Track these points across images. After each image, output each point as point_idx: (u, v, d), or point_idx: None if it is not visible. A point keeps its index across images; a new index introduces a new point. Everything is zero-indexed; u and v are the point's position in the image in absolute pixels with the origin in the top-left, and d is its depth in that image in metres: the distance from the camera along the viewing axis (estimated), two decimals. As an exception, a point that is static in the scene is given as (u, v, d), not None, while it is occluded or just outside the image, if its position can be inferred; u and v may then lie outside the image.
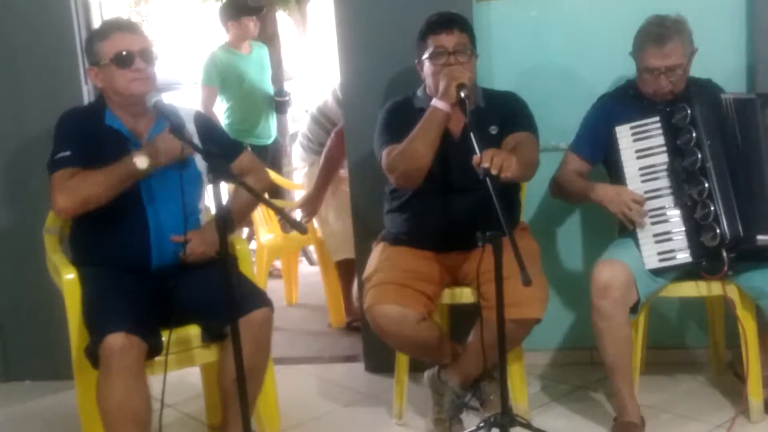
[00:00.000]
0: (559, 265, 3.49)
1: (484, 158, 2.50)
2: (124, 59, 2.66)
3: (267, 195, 3.11)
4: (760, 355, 2.89)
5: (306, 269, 5.44)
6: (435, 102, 2.77)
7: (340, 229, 4.05)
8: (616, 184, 2.91)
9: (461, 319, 3.06)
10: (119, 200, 2.61)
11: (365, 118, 3.23)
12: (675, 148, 2.81)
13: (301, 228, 2.42)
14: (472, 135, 2.58)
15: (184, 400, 3.32)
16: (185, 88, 8.31)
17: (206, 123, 2.96)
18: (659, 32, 2.83)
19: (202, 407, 3.21)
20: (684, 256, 2.80)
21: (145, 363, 2.49)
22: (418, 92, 3.01)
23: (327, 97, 4.16)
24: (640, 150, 2.86)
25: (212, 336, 2.68)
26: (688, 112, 2.78)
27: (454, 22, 2.88)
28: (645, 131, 2.86)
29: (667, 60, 2.82)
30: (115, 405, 2.42)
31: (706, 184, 2.73)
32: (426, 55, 2.87)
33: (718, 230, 2.70)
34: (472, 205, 2.80)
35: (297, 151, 4.50)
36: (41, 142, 3.52)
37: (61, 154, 2.66)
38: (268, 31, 6.92)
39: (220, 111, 5.22)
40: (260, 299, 2.66)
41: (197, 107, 4.11)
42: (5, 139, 3.58)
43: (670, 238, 2.81)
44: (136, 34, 2.72)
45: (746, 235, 2.71)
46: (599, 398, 3.20)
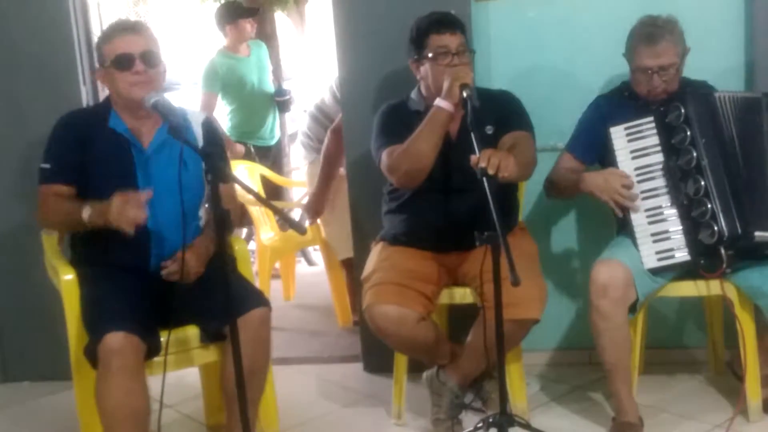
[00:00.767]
0: (558, 266, 3.49)
1: (482, 158, 2.51)
2: (123, 61, 2.64)
3: (264, 195, 3.08)
4: (759, 355, 2.89)
5: (304, 269, 5.45)
6: (438, 102, 2.77)
7: (345, 228, 4.05)
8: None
9: (460, 319, 3.06)
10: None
11: (364, 117, 3.23)
12: (670, 148, 2.82)
13: (301, 228, 2.40)
14: (473, 135, 2.58)
15: (183, 401, 3.32)
16: (184, 89, 8.31)
17: (214, 131, 2.92)
18: (651, 32, 2.84)
19: (201, 408, 3.21)
20: (682, 255, 2.80)
21: (144, 363, 2.49)
22: (412, 95, 3.00)
23: (324, 95, 4.16)
24: (635, 150, 2.86)
25: (211, 337, 2.68)
26: (682, 111, 2.78)
27: (456, 23, 2.88)
28: (639, 131, 2.86)
29: (659, 59, 2.83)
30: (113, 405, 2.42)
31: (702, 182, 2.74)
32: (428, 55, 2.86)
33: (716, 228, 2.71)
34: (470, 206, 2.80)
35: (297, 150, 4.50)
36: (40, 143, 3.50)
37: (43, 165, 2.72)
38: (266, 31, 6.92)
39: (221, 114, 5.22)
40: (258, 299, 2.65)
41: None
42: (4, 140, 3.57)
43: (668, 237, 2.81)
44: (138, 35, 2.68)
45: (744, 231, 2.71)
46: (598, 398, 3.20)
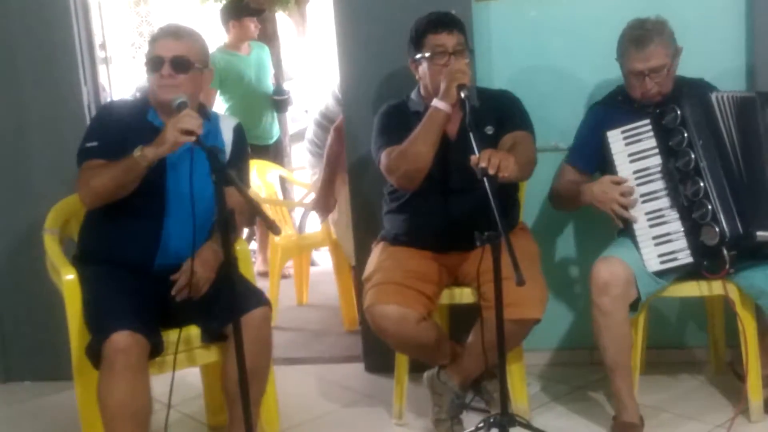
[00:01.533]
0: (559, 265, 3.49)
1: (482, 158, 2.50)
2: (154, 64, 2.68)
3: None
4: (760, 355, 2.89)
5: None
6: (436, 102, 2.77)
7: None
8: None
9: (461, 319, 3.06)
10: (143, 199, 2.62)
11: (364, 118, 3.23)
12: (667, 150, 2.81)
13: (275, 229, 2.35)
14: (471, 135, 2.58)
15: (184, 401, 3.31)
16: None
17: (243, 138, 2.91)
18: (639, 35, 2.84)
19: (202, 407, 3.21)
20: (685, 257, 2.79)
21: (147, 363, 2.49)
22: (412, 95, 3.00)
23: (328, 101, 4.15)
24: (633, 153, 2.86)
25: (212, 337, 2.68)
26: (678, 112, 2.78)
27: (454, 23, 2.88)
28: (636, 134, 2.86)
29: (649, 62, 2.83)
30: (116, 403, 2.42)
31: (702, 184, 2.73)
32: (425, 55, 2.86)
33: (718, 229, 2.70)
34: (470, 206, 2.80)
35: (299, 150, 4.49)
36: (41, 142, 3.55)
37: (88, 144, 2.70)
38: (267, 32, 6.93)
39: (220, 111, 5.22)
40: (258, 298, 2.66)
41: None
42: (5, 139, 3.58)
43: (669, 240, 2.81)
44: (177, 41, 2.70)
45: (745, 231, 2.71)
46: (599, 398, 3.20)
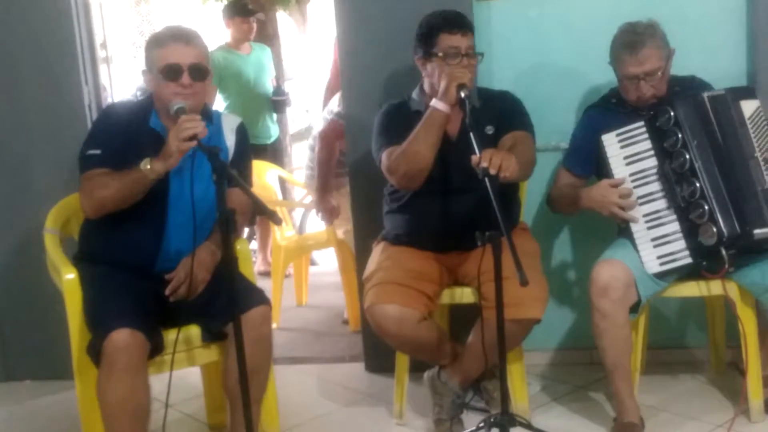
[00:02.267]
0: (559, 265, 3.49)
1: (483, 158, 2.50)
2: (171, 72, 2.61)
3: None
4: (761, 355, 2.89)
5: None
6: (434, 103, 2.76)
7: None
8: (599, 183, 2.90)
9: (461, 319, 3.06)
10: (145, 201, 2.60)
11: (365, 117, 3.22)
12: (662, 151, 2.81)
13: (276, 219, 2.36)
14: (471, 135, 2.58)
15: (185, 400, 3.32)
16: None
17: (246, 138, 2.90)
18: (632, 40, 2.84)
19: (202, 407, 3.22)
20: (684, 258, 2.79)
21: (147, 361, 2.49)
22: (414, 95, 3.00)
23: (319, 126, 4.18)
24: (629, 156, 2.86)
25: (212, 336, 2.68)
26: (671, 114, 2.78)
27: (468, 24, 2.88)
28: (631, 137, 2.86)
29: (643, 66, 2.83)
30: (117, 402, 2.42)
31: (698, 184, 2.73)
32: (438, 54, 2.83)
33: (715, 229, 2.70)
34: (471, 205, 2.80)
35: (299, 150, 4.51)
36: (42, 142, 3.56)
37: (91, 152, 2.66)
38: (268, 31, 6.93)
39: (219, 109, 5.24)
40: (258, 297, 2.66)
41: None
42: (6, 139, 3.58)
43: (668, 241, 2.81)
44: (190, 46, 2.65)
45: (743, 231, 2.71)
46: (599, 398, 3.20)
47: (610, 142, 2.87)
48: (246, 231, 5.18)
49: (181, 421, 3.23)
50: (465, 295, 2.95)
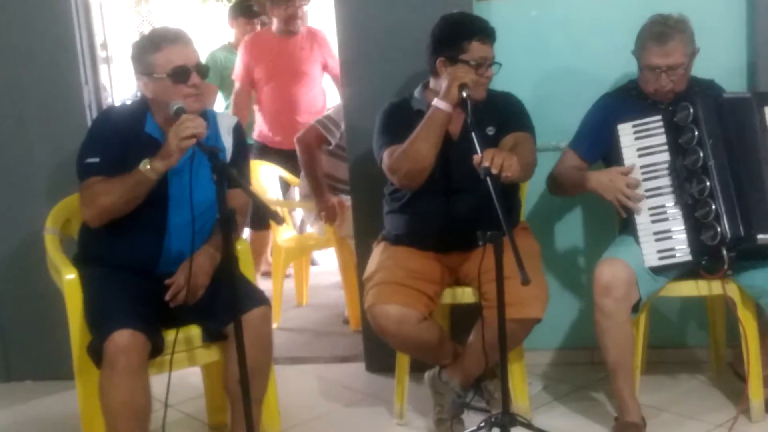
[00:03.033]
0: (560, 265, 3.49)
1: (485, 158, 2.51)
2: (181, 74, 2.59)
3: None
4: (761, 355, 2.89)
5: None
6: (436, 102, 2.76)
7: None
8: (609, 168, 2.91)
9: (462, 319, 3.06)
10: (145, 204, 2.60)
11: (366, 118, 3.22)
12: (676, 147, 2.81)
13: (278, 219, 2.37)
14: (473, 135, 2.58)
15: (185, 400, 3.32)
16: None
17: (243, 138, 2.90)
18: (661, 31, 2.84)
19: (203, 407, 3.22)
20: (684, 255, 2.79)
21: (147, 362, 2.49)
22: (416, 94, 3.00)
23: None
24: (642, 148, 2.86)
25: (212, 336, 2.68)
26: (691, 110, 2.77)
27: (495, 35, 2.87)
28: (647, 129, 2.86)
29: (668, 58, 2.83)
30: (118, 402, 2.42)
31: (708, 183, 2.73)
32: (468, 61, 2.79)
33: (719, 229, 2.70)
34: (472, 205, 2.80)
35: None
36: (42, 142, 3.56)
37: (90, 160, 2.64)
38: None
39: (220, 109, 5.23)
40: (258, 298, 2.66)
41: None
42: (6, 139, 3.58)
43: (670, 237, 2.81)
44: (189, 47, 2.66)
45: (747, 234, 2.71)
46: (600, 398, 3.20)
47: (626, 132, 2.87)
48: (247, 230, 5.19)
49: (181, 422, 3.23)
50: (466, 295, 2.94)
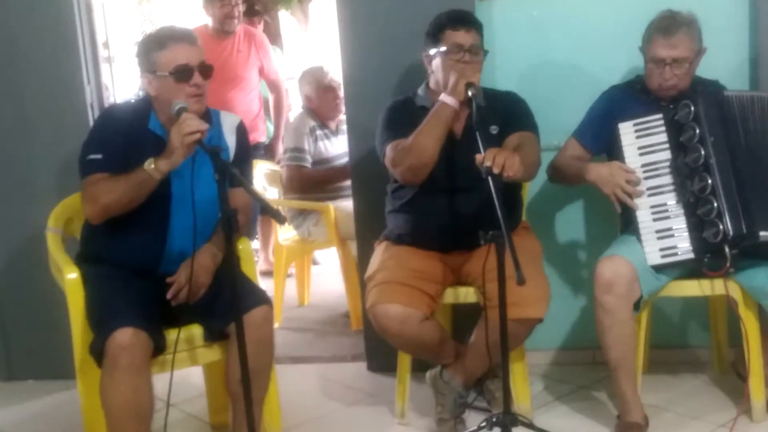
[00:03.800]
0: (562, 264, 3.49)
1: (487, 157, 2.50)
2: (183, 73, 2.59)
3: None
4: (763, 355, 2.89)
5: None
6: (443, 97, 2.77)
7: None
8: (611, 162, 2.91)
9: (464, 318, 3.06)
10: (147, 204, 2.59)
11: (367, 116, 3.22)
12: (678, 145, 2.81)
13: (281, 218, 2.41)
14: (477, 133, 2.58)
15: (187, 400, 3.32)
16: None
17: (246, 137, 2.90)
18: (669, 24, 2.85)
19: (204, 406, 3.22)
20: (686, 252, 2.79)
21: (150, 361, 2.49)
22: (419, 91, 3.01)
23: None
24: (643, 147, 2.86)
25: (214, 336, 2.69)
26: (692, 108, 2.78)
27: (473, 22, 2.88)
28: (648, 128, 2.86)
29: (673, 51, 2.83)
30: (120, 401, 2.42)
31: (709, 181, 2.73)
32: (441, 49, 2.85)
33: (721, 226, 2.70)
34: (474, 205, 2.80)
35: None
36: (44, 142, 3.56)
37: (92, 156, 2.63)
38: (270, 31, 6.93)
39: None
40: (259, 297, 2.66)
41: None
42: (8, 139, 3.57)
43: (672, 234, 2.81)
44: (194, 46, 2.65)
45: (749, 231, 2.71)
46: (602, 398, 3.20)
47: (627, 130, 2.88)
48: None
49: (183, 421, 3.23)
50: (468, 295, 2.94)
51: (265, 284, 4.01)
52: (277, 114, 5.12)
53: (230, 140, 2.80)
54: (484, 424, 2.67)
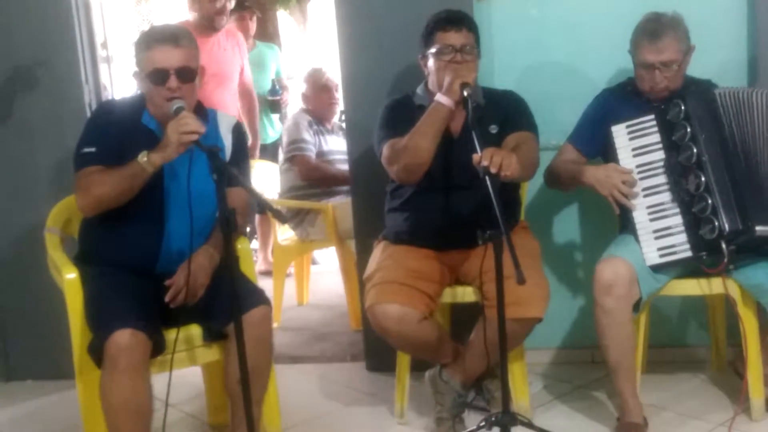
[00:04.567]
0: (561, 264, 3.49)
1: (484, 156, 2.50)
2: (158, 77, 2.60)
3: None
4: (761, 354, 2.89)
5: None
6: (438, 97, 2.77)
7: None
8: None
9: (463, 318, 3.06)
10: (141, 202, 2.60)
11: (366, 115, 3.22)
12: (671, 144, 2.82)
13: (282, 217, 2.46)
14: (473, 133, 2.58)
15: (186, 400, 3.32)
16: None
17: (243, 137, 2.90)
18: (654, 28, 2.86)
19: (203, 406, 3.22)
20: (684, 251, 2.79)
21: (149, 361, 2.49)
22: (418, 90, 3.01)
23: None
24: (637, 148, 2.87)
25: (213, 336, 2.69)
26: (682, 107, 2.79)
27: (464, 21, 2.88)
28: (641, 129, 2.87)
29: (661, 55, 2.84)
30: (119, 402, 2.42)
31: (703, 178, 2.73)
32: (432, 51, 2.86)
33: (717, 223, 2.70)
34: (472, 204, 2.80)
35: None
36: (42, 141, 3.55)
37: (86, 150, 2.65)
38: (268, 31, 6.92)
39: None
40: (258, 297, 2.66)
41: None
42: (6, 138, 3.58)
43: (670, 234, 2.81)
44: (178, 47, 2.62)
45: (745, 226, 2.71)
46: (601, 397, 3.20)
47: (620, 133, 2.88)
48: (247, 229, 5.19)
49: (182, 421, 3.23)
50: (466, 294, 2.94)
51: (264, 284, 3.99)
52: (252, 119, 4.92)
53: (227, 139, 2.80)
54: (484, 424, 2.67)
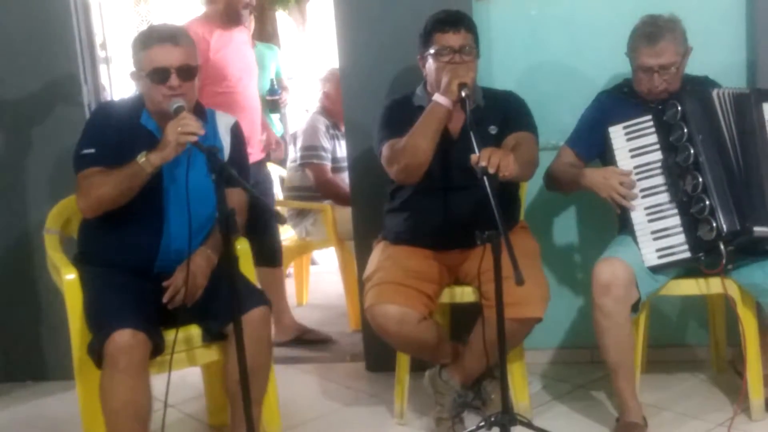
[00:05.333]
0: (560, 264, 3.49)
1: (482, 157, 2.50)
2: (158, 75, 2.60)
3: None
4: (761, 353, 2.89)
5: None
6: (436, 97, 2.77)
7: None
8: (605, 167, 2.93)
9: (462, 318, 3.06)
10: (140, 202, 2.60)
11: (365, 115, 3.22)
12: (668, 145, 2.82)
13: (282, 218, 2.52)
14: (471, 134, 2.58)
15: (186, 400, 3.32)
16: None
17: (241, 137, 2.90)
18: (651, 31, 2.85)
19: (203, 407, 3.22)
20: (683, 252, 2.79)
21: (148, 361, 2.49)
22: (417, 90, 3.01)
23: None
24: (634, 149, 2.87)
25: (212, 336, 2.69)
26: (679, 108, 2.79)
27: (462, 22, 2.88)
28: (638, 130, 2.87)
29: (659, 58, 2.84)
30: (119, 402, 2.42)
31: (700, 179, 2.74)
32: (431, 51, 2.86)
33: (715, 224, 2.70)
34: (472, 204, 2.80)
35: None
36: (41, 142, 3.55)
37: (86, 151, 2.65)
38: (267, 30, 6.91)
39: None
40: (258, 298, 2.66)
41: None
42: (5, 138, 3.58)
43: (668, 235, 2.81)
44: (177, 46, 2.63)
45: (743, 227, 2.71)
46: (600, 397, 3.20)
47: (617, 134, 2.89)
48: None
49: (181, 421, 3.23)
50: (465, 294, 2.94)
51: (264, 284, 4.01)
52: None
53: (225, 140, 2.81)
54: (483, 424, 2.66)
